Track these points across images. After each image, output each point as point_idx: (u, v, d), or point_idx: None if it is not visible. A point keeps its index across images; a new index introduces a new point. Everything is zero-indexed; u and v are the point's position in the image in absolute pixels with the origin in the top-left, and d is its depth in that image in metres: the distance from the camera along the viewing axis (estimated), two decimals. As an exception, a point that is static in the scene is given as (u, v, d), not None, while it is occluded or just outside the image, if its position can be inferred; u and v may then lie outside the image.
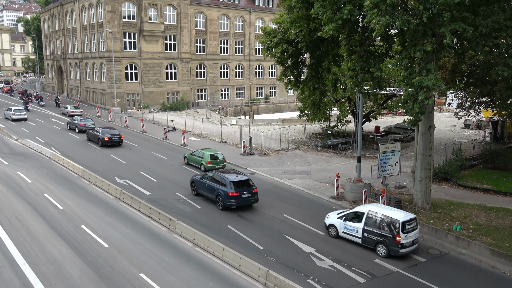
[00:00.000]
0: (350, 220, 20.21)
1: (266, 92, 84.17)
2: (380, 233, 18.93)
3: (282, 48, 26.36)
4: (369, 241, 19.35)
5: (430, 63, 18.90)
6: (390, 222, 18.68)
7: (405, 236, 18.41)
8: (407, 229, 18.50)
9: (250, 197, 23.91)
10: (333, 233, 20.75)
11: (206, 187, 25.19)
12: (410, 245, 18.67)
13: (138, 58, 63.27)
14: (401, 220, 18.40)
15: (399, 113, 66.29)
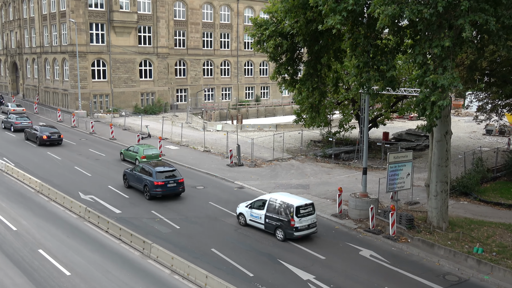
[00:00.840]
0: (256, 208, 24.18)
1: (256, 93, 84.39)
2: (278, 218, 23.08)
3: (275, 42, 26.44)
4: (270, 226, 23.52)
5: (446, 59, 19.10)
6: (286, 207, 22.85)
7: (299, 220, 22.56)
8: (301, 213, 22.63)
9: (176, 187, 28.54)
10: (242, 221, 24.87)
11: (136, 178, 29.63)
12: (306, 228, 22.85)
13: (107, 53, 63.12)
14: (295, 205, 22.58)
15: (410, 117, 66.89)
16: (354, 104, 44.05)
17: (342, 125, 44.07)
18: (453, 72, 18.87)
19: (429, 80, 18.96)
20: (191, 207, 27.69)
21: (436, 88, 19.01)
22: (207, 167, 36.97)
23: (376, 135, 52.15)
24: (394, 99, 43.73)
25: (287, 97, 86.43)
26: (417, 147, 44.74)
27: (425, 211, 26.17)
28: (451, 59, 19.28)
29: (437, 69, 19.15)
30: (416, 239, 22.98)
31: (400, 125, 62.75)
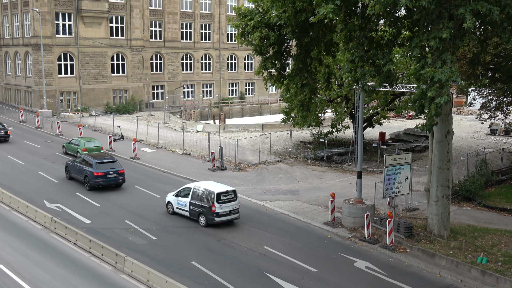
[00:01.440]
0: (182, 196, 27.04)
1: (241, 90, 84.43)
2: (201, 204, 26.02)
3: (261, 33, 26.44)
4: (194, 213, 26.40)
5: (446, 52, 19.27)
6: (208, 194, 25.83)
7: (220, 206, 25.49)
8: (222, 199, 25.61)
9: (117, 177, 31.64)
10: (170, 210, 27.66)
11: (77, 169, 32.48)
12: (227, 214, 25.81)
13: (75, 46, 62.64)
14: (216, 192, 25.56)
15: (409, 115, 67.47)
16: (348, 101, 44.27)
17: (335, 125, 44.24)
18: (452, 66, 19.03)
19: (426, 74, 19.10)
20: (169, 216, 27.57)
21: (433, 83, 19.16)
22: (186, 172, 36.86)
23: (372, 136, 52.45)
24: (391, 96, 44.05)
25: (274, 94, 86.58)
26: (416, 148, 45.10)
27: (425, 218, 26.38)
28: (451, 52, 19.45)
29: (435, 63, 19.31)
30: (415, 248, 23.15)
31: (397, 124, 63.22)
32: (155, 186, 33.20)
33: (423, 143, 46.35)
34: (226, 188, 26.27)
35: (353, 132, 43.63)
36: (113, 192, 31.43)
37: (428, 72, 19.01)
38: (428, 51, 20.45)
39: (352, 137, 44.99)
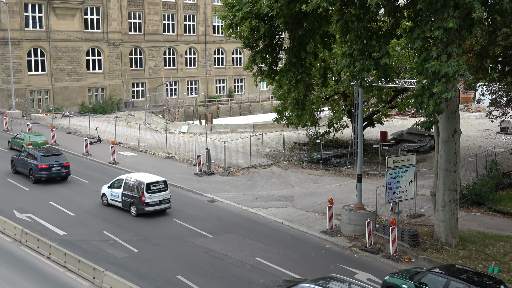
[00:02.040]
0: (115, 187, 29.71)
1: (229, 87, 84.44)
2: (132, 195, 28.71)
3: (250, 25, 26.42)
4: (125, 203, 29.05)
5: (451, 44, 19.38)
6: (138, 184, 28.45)
7: (149, 196, 28.21)
8: (152, 189, 28.33)
9: (61, 170, 34.73)
10: (105, 202, 30.45)
11: (22, 163, 35.40)
12: (157, 204, 28.54)
13: (46, 40, 62.36)
14: (146, 182, 28.27)
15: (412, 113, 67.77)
16: (346, 98, 44.41)
17: (332, 124, 44.33)
18: (459, 59, 19.12)
19: (430, 68, 19.18)
20: (152, 225, 27.54)
21: (439, 77, 19.25)
22: (170, 177, 36.78)
23: (372, 136, 52.61)
24: (392, 93, 44.22)
25: (266, 92, 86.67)
26: (420, 149, 45.31)
27: (432, 224, 26.50)
28: (457, 44, 19.55)
29: (440, 56, 19.40)
30: (421, 258, 23.25)
31: (400, 123, 63.49)
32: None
33: (428, 143, 46.57)
34: (156, 178, 29.24)
35: (352, 132, 43.74)
36: (90, 200, 31.31)
37: (433, 66, 19.08)
38: (431, 43, 20.53)
39: (351, 137, 45.12)
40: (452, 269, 18.72)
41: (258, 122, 65.91)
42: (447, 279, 17.76)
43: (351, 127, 45.44)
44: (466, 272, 18.41)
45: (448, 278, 17.79)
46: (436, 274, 18.25)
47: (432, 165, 35.25)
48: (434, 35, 19.44)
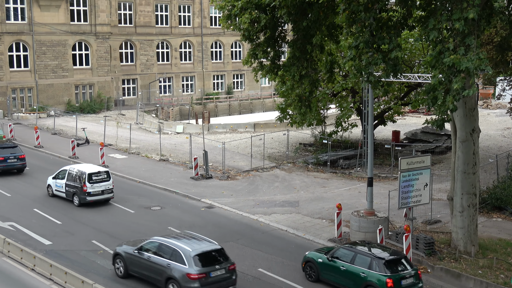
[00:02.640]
0: (60, 178, 32.31)
1: (228, 83, 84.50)
2: (74, 185, 31.44)
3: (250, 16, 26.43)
4: (69, 194, 31.74)
5: (470, 36, 19.37)
6: (80, 174, 31.29)
7: (91, 186, 31.08)
8: (93, 179, 31.21)
9: (17, 162, 37.42)
10: (50, 192, 33.01)
11: None
12: (99, 194, 31.49)
13: (29, 34, 62.42)
14: (88, 172, 31.18)
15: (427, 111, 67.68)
16: (355, 95, 44.41)
17: (340, 123, 44.32)
18: (479, 52, 19.11)
19: (448, 62, 19.16)
20: (144, 234, 27.49)
21: (457, 72, 19.22)
22: (164, 181, 36.82)
23: (384, 135, 52.59)
24: (405, 88, 44.20)
25: (267, 88, 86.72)
26: (436, 150, 45.28)
27: (449, 231, 26.49)
28: (476, 36, 19.55)
29: (457, 48, 19.39)
30: (438, 268, 23.24)
31: (414, 121, 63.46)
32: (127, 199, 33.16)
33: (444, 143, 46.55)
34: (98, 169, 32.41)
35: (362, 132, 43.76)
36: (77, 207, 31.33)
37: (452, 59, 19.05)
38: (446, 35, 20.52)
39: (360, 137, 45.13)
40: (360, 244, 22.28)
41: (260, 121, 65.93)
42: (354, 252, 21.35)
43: (361, 126, 45.48)
44: (374, 246, 22.04)
45: (355, 252, 21.34)
46: (345, 248, 21.96)
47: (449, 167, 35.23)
48: (455, 27, 19.38)
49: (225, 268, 20.53)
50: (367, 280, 20.35)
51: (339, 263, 21.45)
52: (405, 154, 41.36)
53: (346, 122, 44.78)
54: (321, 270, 22.05)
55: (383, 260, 20.49)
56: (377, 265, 20.36)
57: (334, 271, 21.58)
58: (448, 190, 28.83)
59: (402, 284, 20.07)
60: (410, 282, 20.35)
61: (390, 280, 19.78)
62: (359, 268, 20.77)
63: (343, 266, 21.24)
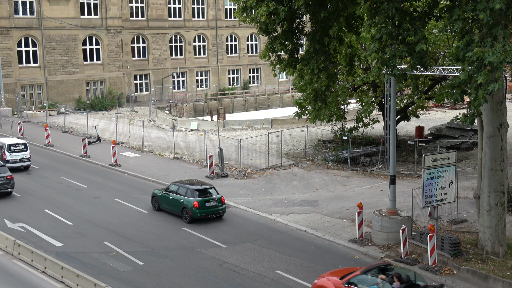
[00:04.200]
0: None
1: (244, 78, 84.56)
2: None
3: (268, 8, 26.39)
4: None
5: (496, 26, 19.20)
6: (1, 145, 38.60)
7: (10, 155, 38.22)
8: (12, 149, 38.45)
9: None
10: None
11: None
12: (17, 162, 38.48)
13: (38, 29, 62.89)
14: (7, 143, 38.55)
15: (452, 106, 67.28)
16: (376, 89, 44.23)
17: (361, 119, 44.18)
18: (506, 43, 18.93)
19: (473, 55, 19.01)
20: (158, 235, 27.67)
21: (483, 66, 19.07)
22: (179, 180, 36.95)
23: (407, 131, 52.33)
24: (429, 82, 43.94)
25: (285, 83, 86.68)
26: (462, 146, 44.99)
27: (476, 231, 26.32)
28: (503, 26, 19.37)
29: (484, 40, 19.23)
30: (464, 269, 23.11)
31: (438, 116, 63.08)
32: (140, 199, 33.33)
33: (471, 139, 46.23)
34: (17, 141, 40.11)
35: (384, 127, 43.55)
36: (89, 207, 31.55)
37: (476, 53, 18.89)
38: (473, 25, 20.34)
39: (382, 133, 44.93)
40: (186, 182, 31.42)
41: (277, 117, 65.87)
42: (178, 186, 30.47)
43: (383, 122, 45.26)
44: (194, 183, 31.33)
45: (178, 186, 30.49)
46: (174, 184, 30.97)
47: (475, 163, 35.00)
48: (480, 18, 19.23)
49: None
50: (183, 204, 29.30)
51: (169, 195, 30.31)
52: (429, 150, 41.11)
53: (367, 117, 44.61)
54: (160, 202, 30.92)
55: (194, 189, 29.43)
56: (190, 193, 29.31)
57: (166, 201, 30.46)
58: (474, 188, 28.65)
59: (206, 205, 29.13)
60: (213, 204, 29.46)
61: (196, 202, 28.84)
62: (179, 196, 29.72)
63: (171, 196, 30.15)
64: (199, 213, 28.87)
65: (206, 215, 29.19)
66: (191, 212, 28.88)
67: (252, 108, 78.93)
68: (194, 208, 28.80)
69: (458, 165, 32.93)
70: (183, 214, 29.45)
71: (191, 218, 28.98)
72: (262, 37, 76.03)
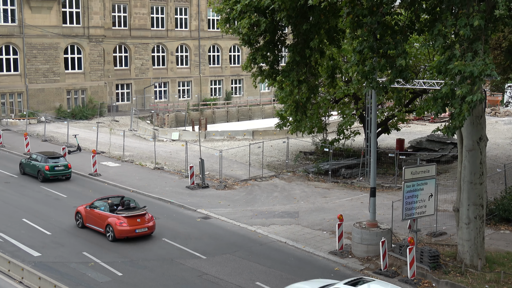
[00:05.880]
0: None
1: (226, 89, 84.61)
2: None
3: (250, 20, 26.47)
4: None
5: (477, 41, 19.41)
6: None
7: None
8: None
9: None
10: None
11: None
12: None
13: (20, 36, 62.52)
14: None
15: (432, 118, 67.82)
16: (357, 101, 44.46)
17: (342, 131, 44.33)
18: (486, 57, 19.15)
19: (454, 68, 19.20)
20: (138, 246, 27.49)
21: (463, 78, 19.27)
22: (159, 191, 36.80)
23: (388, 143, 52.61)
24: (410, 95, 44.26)
25: (267, 94, 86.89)
26: (442, 159, 45.30)
27: (455, 244, 26.47)
28: (483, 41, 19.59)
29: (465, 55, 19.44)
30: (443, 282, 23.20)
31: (419, 129, 63.52)
32: (120, 209, 33.11)
33: (450, 152, 46.58)
34: None
35: (365, 140, 43.76)
36: (68, 217, 31.29)
37: (457, 66, 19.09)
38: (454, 40, 20.55)
39: (363, 145, 45.14)
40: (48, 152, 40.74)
41: (259, 128, 65.94)
42: (37, 155, 39.57)
43: (364, 134, 45.48)
44: (49, 154, 39.86)
45: (37, 155, 39.73)
46: (35, 154, 40.24)
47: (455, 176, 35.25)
48: (460, 34, 19.45)
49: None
50: (39, 168, 38.29)
51: (32, 162, 39.04)
52: (409, 163, 41.35)
53: (348, 129, 44.78)
54: (24, 167, 39.89)
55: (46, 156, 38.81)
56: (42, 159, 38.48)
57: (29, 166, 39.29)
58: (454, 201, 28.85)
59: (55, 169, 38.20)
60: (61, 168, 38.43)
61: (47, 166, 37.98)
62: (37, 162, 38.72)
63: (33, 163, 38.97)
64: (50, 174, 38.13)
65: (55, 176, 38.36)
66: (43, 173, 38.05)
67: (234, 119, 78.91)
68: (46, 171, 38.02)
69: (438, 178, 33.15)
70: (38, 176, 38.51)
71: (43, 178, 38.11)
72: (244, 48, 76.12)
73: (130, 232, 27.82)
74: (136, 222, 28.01)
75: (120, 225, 27.71)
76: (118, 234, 27.71)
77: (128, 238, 27.96)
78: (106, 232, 28.27)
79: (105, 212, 28.63)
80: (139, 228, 28.05)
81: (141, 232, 28.14)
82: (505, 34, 33.11)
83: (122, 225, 27.72)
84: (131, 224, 27.81)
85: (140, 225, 28.12)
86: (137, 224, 28.01)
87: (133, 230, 27.83)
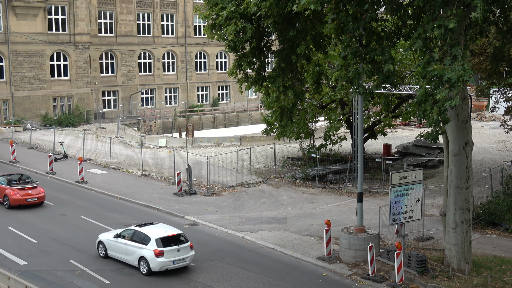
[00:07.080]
0: None
1: (213, 95, 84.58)
2: None
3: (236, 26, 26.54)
4: None
5: (456, 46, 19.56)
6: None
7: None
8: None
9: None
10: None
11: None
12: None
13: (5, 44, 62.22)
14: None
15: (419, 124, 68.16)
16: (344, 107, 44.60)
17: (329, 136, 44.42)
18: (465, 62, 19.30)
19: (432, 71, 19.33)
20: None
21: (441, 83, 19.41)
22: (146, 198, 36.68)
23: (375, 149, 52.77)
24: (396, 100, 44.46)
25: (254, 100, 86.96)
26: (428, 163, 45.49)
27: (442, 248, 26.58)
28: (462, 46, 19.73)
29: (444, 58, 19.58)
30: (430, 287, 23.27)
31: (405, 134, 63.77)
32: (107, 216, 33.02)
33: (437, 157, 46.81)
34: None
35: (352, 145, 43.91)
36: (54, 225, 31.16)
37: (435, 69, 19.24)
38: (434, 44, 20.71)
39: (350, 151, 45.27)
40: None
41: (246, 134, 65.96)
42: None
43: (351, 139, 45.63)
44: None
45: None
46: None
47: (441, 181, 35.43)
48: (435, 34, 19.65)
49: None
50: None
51: None
52: (396, 168, 41.53)
53: (335, 135, 44.90)
54: None
55: None
56: None
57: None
58: (440, 205, 28.99)
59: None
60: None
61: None
62: None
63: None
64: None
65: None
66: None
67: (221, 125, 78.87)
68: None
69: (425, 182, 33.29)
70: None
71: None
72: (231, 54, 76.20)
73: (22, 201, 33.76)
74: (28, 194, 33.99)
75: (14, 195, 33.62)
76: (12, 202, 33.61)
77: (21, 205, 33.62)
78: (3, 201, 33.96)
79: (3, 185, 34.40)
80: (30, 197, 34.02)
81: (31, 201, 34.08)
82: (490, 39, 33.38)
83: (16, 195, 33.64)
84: (23, 195, 33.79)
85: (31, 195, 34.07)
86: (28, 195, 33.97)
87: (25, 199, 33.79)
